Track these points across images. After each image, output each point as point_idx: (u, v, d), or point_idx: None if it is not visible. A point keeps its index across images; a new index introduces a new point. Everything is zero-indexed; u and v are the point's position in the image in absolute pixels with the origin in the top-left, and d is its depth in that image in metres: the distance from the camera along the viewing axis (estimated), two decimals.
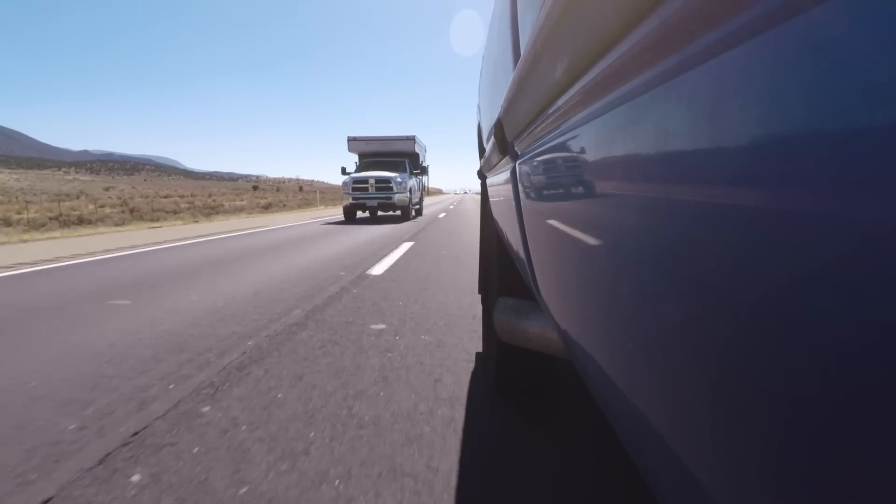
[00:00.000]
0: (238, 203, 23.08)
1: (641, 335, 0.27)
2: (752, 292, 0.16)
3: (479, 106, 1.81)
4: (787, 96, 0.13)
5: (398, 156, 11.91)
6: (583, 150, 0.36)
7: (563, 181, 0.44)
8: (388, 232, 7.12)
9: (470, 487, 1.01)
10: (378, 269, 3.71)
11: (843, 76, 0.11)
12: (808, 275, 0.13)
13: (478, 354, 1.81)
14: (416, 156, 12.26)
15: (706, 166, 0.18)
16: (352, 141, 12.08)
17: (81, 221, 11.70)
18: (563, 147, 0.42)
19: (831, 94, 0.12)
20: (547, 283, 0.62)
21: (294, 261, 4.27)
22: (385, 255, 4.48)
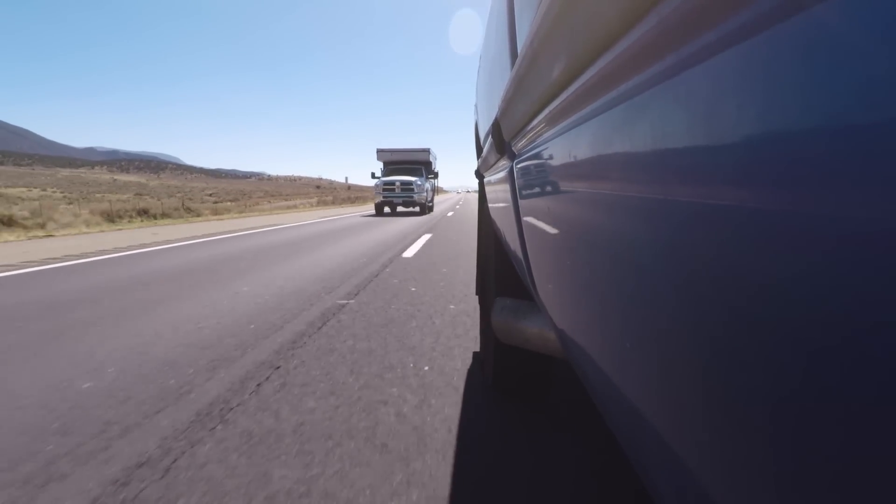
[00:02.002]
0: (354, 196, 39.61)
1: (638, 335, 0.27)
2: (748, 292, 0.16)
3: (476, 106, 1.81)
4: (784, 96, 0.13)
5: (416, 164, 15.10)
6: (580, 150, 0.36)
7: (560, 181, 0.44)
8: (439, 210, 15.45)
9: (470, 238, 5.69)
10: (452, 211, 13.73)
11: (840, 76, 0.11)
12: (805, 274, 0.13)
13: (475, 354, 1.81)
14: (430, 163, 15.60)
15: (703, 166, 0.18)
16: (380, 151, 15.48)
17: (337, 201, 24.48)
18: (560, 147, 0.42)
19: (828, 94, 0.12)
20: (544, 284, 0.62)
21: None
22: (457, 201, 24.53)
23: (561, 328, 0.55)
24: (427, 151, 15.19)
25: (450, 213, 12.83)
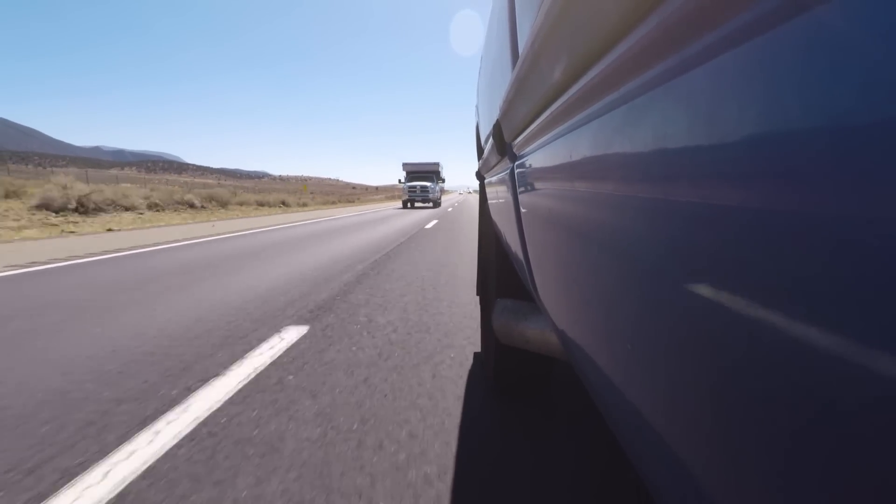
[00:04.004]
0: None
1: (640, 336, 0.27)
2: (749, 293, 0.16)
3: (477, 107, 1.81)
4: (786, 98, 0.13)
5: (429, 173, 23.18)
6: (581, 152, 0.36)
7: (561, 183, 0.44)
8: (449, 203, 28.51)
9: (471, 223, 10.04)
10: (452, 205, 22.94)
11: (842, 77, 0.11)
12: (807, 276, 0.13)
13: (476, 354, 1.81)
14: (439, 172, 23.73)
15: (704, 167, 0.18)
16: (404, 164, 23.95)
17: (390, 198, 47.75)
18: (561, 148, 0.42)
19: (830, 95, 0.12)
20: (545, 285, 0.62)
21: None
22: (457, 201, 32.35)
23: (562, 329, 0.55)
24: (437, 164, 23.59)
25: (449, 209, 18.36)
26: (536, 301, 0.78)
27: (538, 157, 0.54)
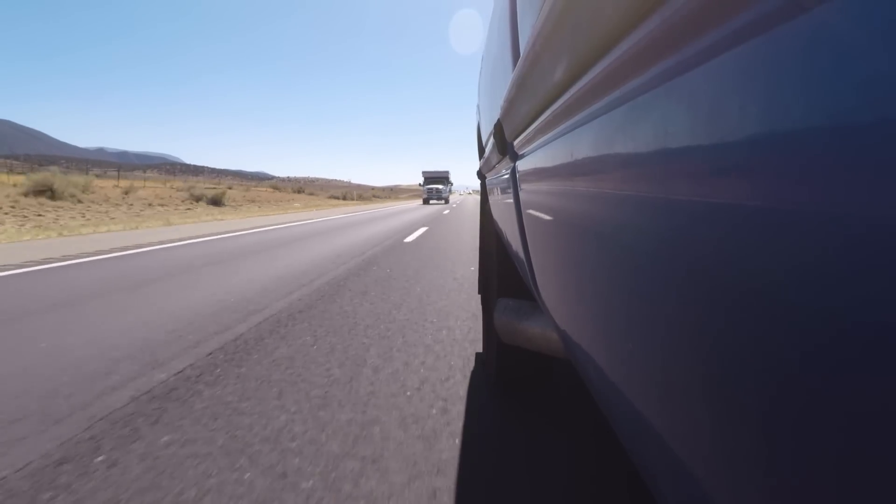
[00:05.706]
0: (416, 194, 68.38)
1: (641, 335, 0.27)
2: (751, 292, 0.16)
3: (478, 106, 1.81)
4: (787, 97, 0.13)
5: (441, 179, 30.71)
6: (582, 151, 0.36)
7: (562, 182, 0.44)
8: (452, 201, 33.78)
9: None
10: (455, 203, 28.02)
11: (843, 77, 0.11)
12: (807, 274, 0.13)
13: (477, 355, 1.82)
14: (448, 178, 31.27)
15: (705, 167, 0.18)
16: (423, 172, 32.23)
17: (411, 197, 59.02)
18: (562, 148, 0.42)
19: (832, 95, 0.12)
20: (547, 284, 0.62)
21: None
22: (457, 200, 36.28)
23: (563, 328, 0.55)
24: (447, 172, 31.84)
25: (447, 212, 24.92)
26: (538, 300, 0.78)
27: (539, 157, 0.54)
